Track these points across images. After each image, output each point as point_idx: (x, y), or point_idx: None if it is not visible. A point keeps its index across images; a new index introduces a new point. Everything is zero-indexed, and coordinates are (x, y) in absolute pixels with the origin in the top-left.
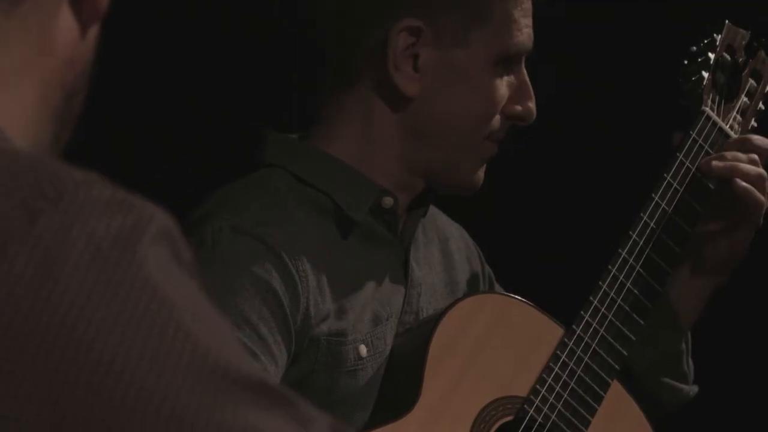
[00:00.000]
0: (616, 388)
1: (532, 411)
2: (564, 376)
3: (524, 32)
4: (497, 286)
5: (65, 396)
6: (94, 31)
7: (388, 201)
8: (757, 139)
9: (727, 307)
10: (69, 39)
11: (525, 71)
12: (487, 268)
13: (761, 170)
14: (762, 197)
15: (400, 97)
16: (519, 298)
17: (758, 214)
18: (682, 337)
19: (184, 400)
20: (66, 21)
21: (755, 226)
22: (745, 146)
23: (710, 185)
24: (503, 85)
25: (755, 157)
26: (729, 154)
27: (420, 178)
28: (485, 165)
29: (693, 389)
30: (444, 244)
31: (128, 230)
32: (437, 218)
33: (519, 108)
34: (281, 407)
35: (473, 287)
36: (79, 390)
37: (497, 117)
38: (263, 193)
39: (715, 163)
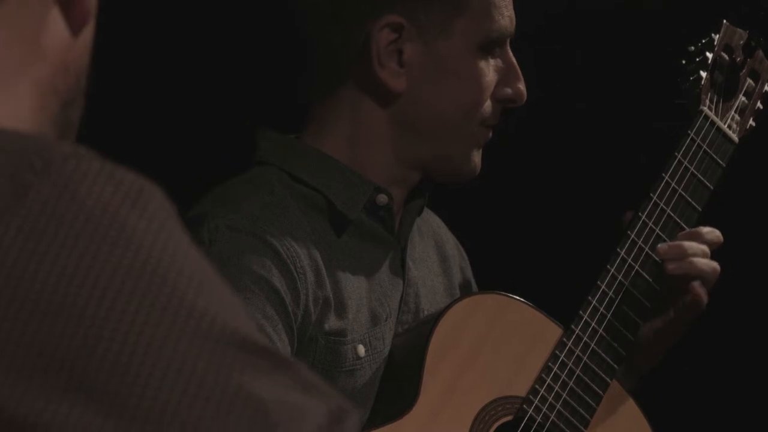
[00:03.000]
0: (615, 388)
1: (531, 411)
2: (563, 376)
3: (505, 15)
4: None
5: (57, 363)
6: (86, 36)
7: (382, 198)
8: (708, 232)
9: (727, 308)
10: (61, 43)
11: (511, 53)
12: (474, 282)
13: (714, 265)
14: (704, 294)
15: (388, 93)
16: (517, 297)
17: (702, 305)
18: (636, 379)
19: (177, 362)
20: (56, 25)
21: (699, 311)
22: (698, 239)
23: (709, 186)
24: (490, 71)
25: (707, 249)
26: (687, 245)
27: (415, 171)
28: (481, 150)
29: None
30: (440, 247)
31: (119, 201)
32: (433, 221)
33: (509, 90)
34: (281, 370)
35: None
36: (72, 356)
37: (488, 103)
38: (258, 191)
39: (672, 264)
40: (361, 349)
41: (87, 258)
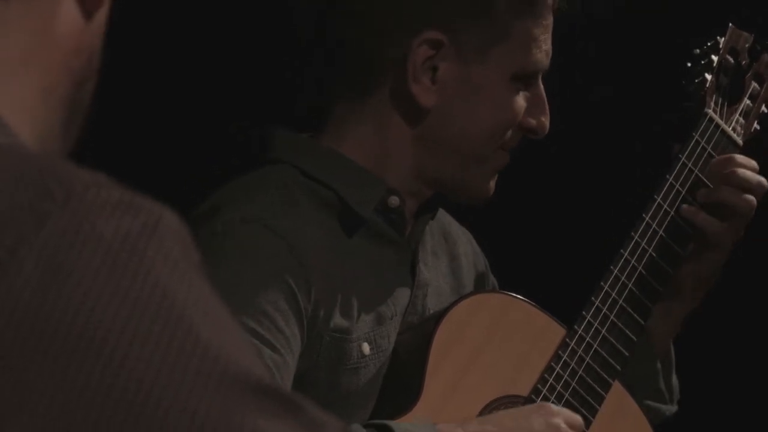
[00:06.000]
0: (616, 388)
1: None
2: (565, 376)
3: (543, 50)
4: None
5: (73, 401)
6: (100, 17)
7: (394, 200)
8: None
9: (727, 308)
10: (73, 26)
11: (541, 86)
12: (492, 277)
13: (751, 198)
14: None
15: (417, 108)
16: (521, 297)
17: (730, 241)
18: (655, 358)
19: (192, 404)
20: (69, 8)
21: (726, 253)
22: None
23: (712, 186)
24: (520, 100)
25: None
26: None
27: (429, 187)
28: (496, 176)
29: (670, 409)
30: (452, 247)
31: (137, 232)
32: (445, 221)
33: (533, 121)
34: (292, 413)
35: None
36: (88, 394)
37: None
38: (271, 187)
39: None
40: (366, 348)
41: (106, 294)
